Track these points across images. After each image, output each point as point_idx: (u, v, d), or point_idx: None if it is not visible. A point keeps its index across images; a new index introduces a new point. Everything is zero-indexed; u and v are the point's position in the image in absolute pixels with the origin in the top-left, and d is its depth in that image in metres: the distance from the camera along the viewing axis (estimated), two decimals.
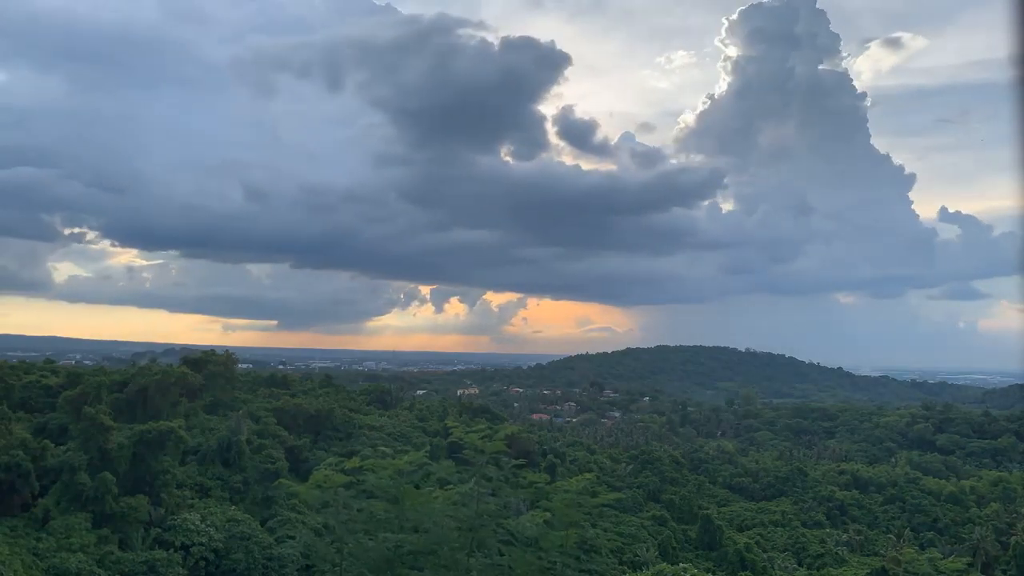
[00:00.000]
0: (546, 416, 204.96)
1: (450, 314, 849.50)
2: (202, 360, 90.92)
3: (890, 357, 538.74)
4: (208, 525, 55.39)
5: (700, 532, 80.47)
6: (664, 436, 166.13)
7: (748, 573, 68.48)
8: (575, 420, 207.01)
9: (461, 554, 11.96)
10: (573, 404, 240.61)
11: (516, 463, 14.03)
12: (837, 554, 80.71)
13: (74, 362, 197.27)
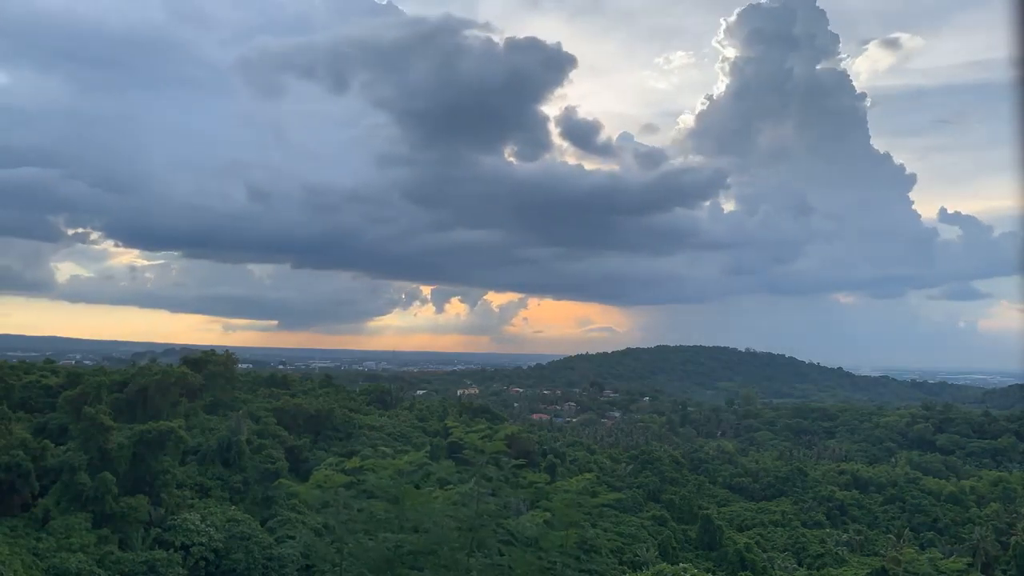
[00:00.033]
0: (546, 416, 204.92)
1: (451, 314, 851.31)
2: (202, 360, 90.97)
3: (890, 357, 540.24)
4: (208, 525, 55.36)
5: (700, 532, 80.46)
6: (664, 436, 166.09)
7: (748, 573, 68.44)
8: (575, 420, 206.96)
9: (461, 554, 11.96)
10: (573, 404, 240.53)
11: (516, 463, 14.04)
12: (837, 554, 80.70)
13: (74, 362, 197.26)
